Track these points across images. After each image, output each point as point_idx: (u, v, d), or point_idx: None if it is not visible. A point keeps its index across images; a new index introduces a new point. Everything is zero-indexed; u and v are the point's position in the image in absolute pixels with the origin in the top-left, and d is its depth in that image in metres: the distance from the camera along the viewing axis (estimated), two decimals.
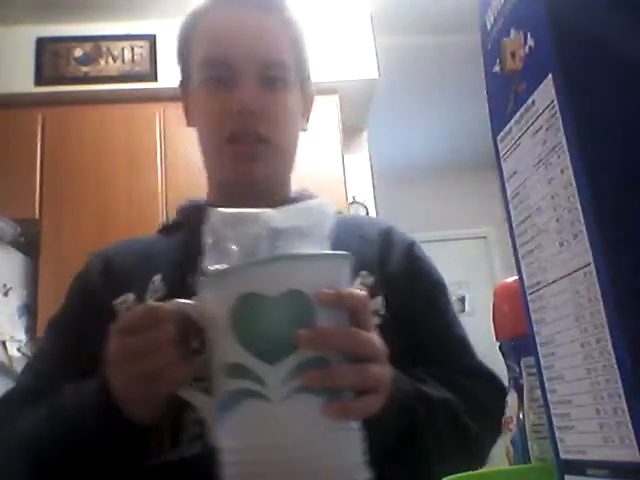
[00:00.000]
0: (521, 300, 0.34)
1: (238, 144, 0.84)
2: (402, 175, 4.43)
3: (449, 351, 0.81)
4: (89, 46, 2.87)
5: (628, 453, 0.26)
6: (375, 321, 0.76)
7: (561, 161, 0.29)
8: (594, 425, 0.28)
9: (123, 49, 2.88)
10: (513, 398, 0.48)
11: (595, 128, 0.28)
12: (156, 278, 0.79)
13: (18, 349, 2.43)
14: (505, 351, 0.50)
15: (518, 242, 0.34)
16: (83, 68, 2.85)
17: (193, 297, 0.54)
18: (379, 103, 3.24)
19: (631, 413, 0.26)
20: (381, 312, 0.78)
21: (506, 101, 0.34)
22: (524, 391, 0.47)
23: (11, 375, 2.31)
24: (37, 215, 2.63)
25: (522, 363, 0.47)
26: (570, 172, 0.28)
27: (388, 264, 0.83)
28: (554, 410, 0.32)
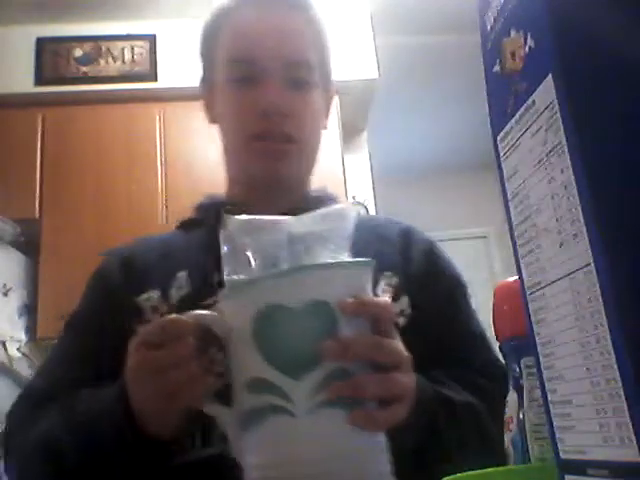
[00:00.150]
0: (521, 300, 0.34)
1: (265, 142, 0.83)
2: (402, 175, 4.43)
3: (469, 350, 0.81)
4: (89, 46, 2.87)
5: (628, 453, 0.26)
6: (401, 321, 0.76)
7: (561, 161, 0.29)
8: (594, 425, 0.28)
9: (123, 49, 2.88)
10: (513, 398, 0.48)
11: (595, 128, 0.28)
12: (180, 275, 0.79)
13: (18, 349, 2.42)
14: (505, 351, 0.50)
15: (518, 242, 0.34)
16: (83, 68, 2.84)
17: (212, 308, 0.53)
18: (379, 103, 3.24)
19: (631, 413, 0.26)
20: (407, 312, 0.78)
21: (506, 101, 0.34)
22: (524, 391, 0.47)
23: (11, 375, 2.30)
24: (37, 215, 2.63)
25: (522, 363, 0.47)
26: (570, 172, 0.28)
27: (410, 264, 0.83)
28: (554, 410, 0.32)
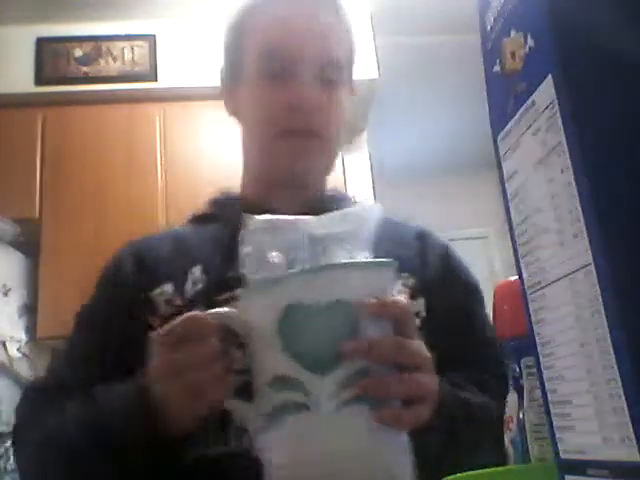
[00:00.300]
0: (521, 300, 0.34)
1: (293, 138, 0.83)
2: (402, 175, 4.42)
3: (484, 355, 0.80)
4: (89, 46, 2.87)
5: (628, 453, 0.26)
6: (416, 323, 0.76)
7: (561, 161, 0.29)
8: (594, 425, 0.28)
9: (123, 49, 2.87)
10: (513, 398, 0.48)
11: (595, 128, 0.28)
12: (196, 269, 0.78)
13: (18, 349, 2.42)
14: (505, 351, 0.50)
15: (518, 242, 0.34)
16: (83, 68, 2.84)
17: (229, 304, 0.53)
18: (379, 103, 3.24)
19: (631, 413, 0.26)
20: (422, 314, 0.78)
21: (506, 101, 0.34)
22: (524, 391, 0.47)
23: (11, 375, 2.30)
24: (37, 215, 2.63)
25: (522, 363, 0.47)
26: (570, 172, 0.28)
27: (427, 267, 0.83)
28: (554, 410, 0.32)
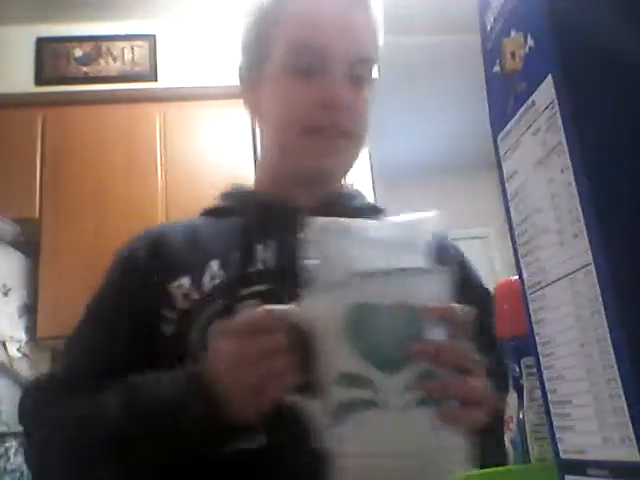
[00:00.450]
0: (521, 300, 0.34)
1: (320, 136, 0.82)
2: (402, 175, 4.42)
3: (499, 358, 0.81)
4: (89, 46, 2.87)
5: (628, 453, 0.26)
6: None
7: (561, 161, 0.29)
8: (594, 425, 0.28)
9: (123, 49, 2.87)
10: (513, 398, 0.48)
11: (595, 128, 0.28)
12: (213, 263, 0.78)
13: (18, 349, 2.42)
14: (505, 351, 0.50)
15: (518, 242, 0.34)
16: (83, 68, 2.84)
17: (294, 303, 0.54)
18: (379, 103, 3.24)
19: (631, 413, 0.26)
20: None
21: (506, 101, 0.34)
22: (524, 391, 0.47)
23: (11, 375, 2.30)
24: (37, 215, 2.63)
25: (522, 363, 0.47)
26: (570, 172, 0.28)
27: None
28: (554, 410, 0.32)
